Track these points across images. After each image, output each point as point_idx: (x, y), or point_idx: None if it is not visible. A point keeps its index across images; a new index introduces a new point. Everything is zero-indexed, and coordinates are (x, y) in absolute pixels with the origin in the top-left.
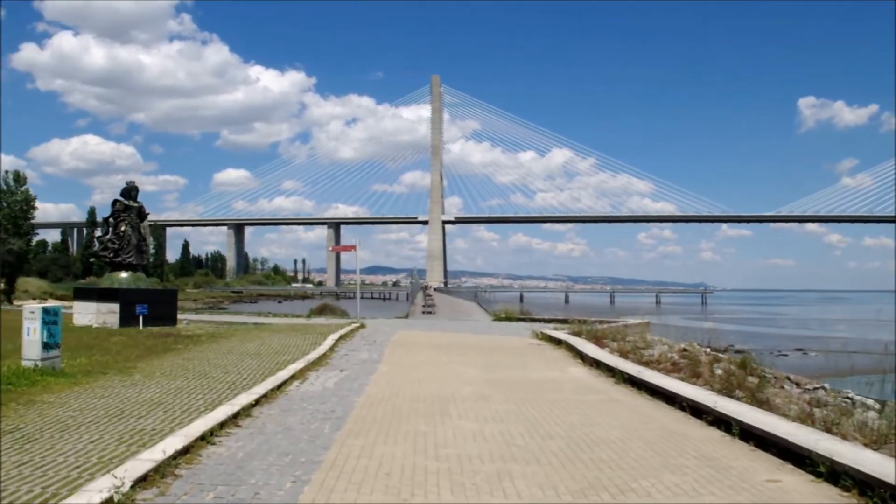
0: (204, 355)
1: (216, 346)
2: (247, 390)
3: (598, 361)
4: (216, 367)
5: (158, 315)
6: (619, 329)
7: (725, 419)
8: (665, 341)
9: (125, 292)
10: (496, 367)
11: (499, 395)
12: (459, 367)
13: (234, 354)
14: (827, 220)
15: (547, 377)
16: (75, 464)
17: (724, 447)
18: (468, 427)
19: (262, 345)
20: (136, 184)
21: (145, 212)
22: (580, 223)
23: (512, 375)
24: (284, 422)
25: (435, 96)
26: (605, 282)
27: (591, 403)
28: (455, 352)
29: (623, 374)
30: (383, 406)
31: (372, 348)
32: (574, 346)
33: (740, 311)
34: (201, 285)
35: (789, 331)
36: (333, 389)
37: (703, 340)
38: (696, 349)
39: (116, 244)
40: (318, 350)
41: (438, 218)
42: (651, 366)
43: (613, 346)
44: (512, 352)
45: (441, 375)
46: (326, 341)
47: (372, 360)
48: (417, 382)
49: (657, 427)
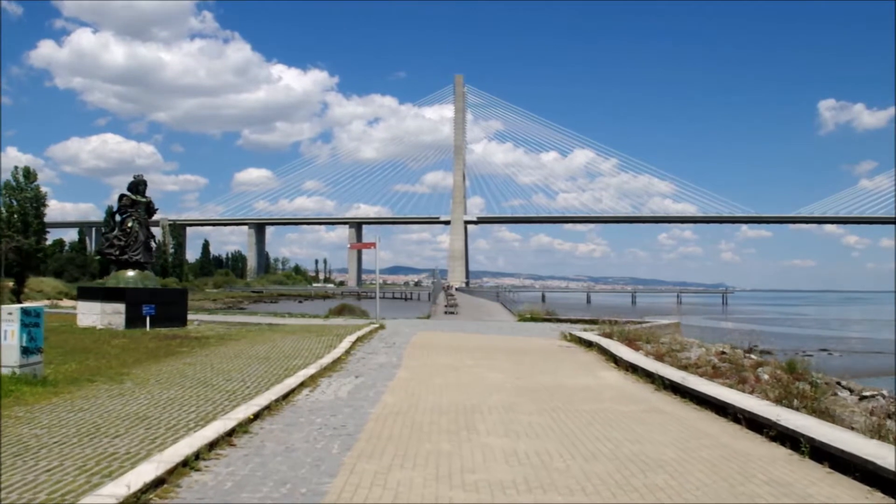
0: (208, 359)
1: (223, 348)
2: (248, 401)
3: (635, 366)
4: (219, 372)
5: (167, 316)
6: (650, 330)
7: (791, 435)
8: (702, 343)
9: (131, 292)
10: (525, 372)
11: (530, 404)
12: (485, 371)
13: (242, 358)
14: (845, 222)
15: (580, 383)
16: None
17: (795, 469)
18: (498, 445)
19: (273, 348)
20: (143, 178)
21: (154, 207)
22: (601, 224)
23: (543, 381)
24: (287, 440)
25: (458, 96)
26: (625, 282)
27: (633, 415)
28: (479, 355)
29: (664, 380)
30: (401, 419)
31: (391, 351)
32: (606, 348)
33: (761, 312)
34: (221, 285)
35: (811, 331)
36: (346, 399)
37: (736, 341)
38: (736, 352)
39: (123, 241)
40: (332, 353)
41: (461, 218)
42: (690, 370)
43: (648, 348)
44: (540, 355)
45: (465, 381)
46: (342, 344)
47: (390, 364)
48: (439, 390)
49: (714, 444)
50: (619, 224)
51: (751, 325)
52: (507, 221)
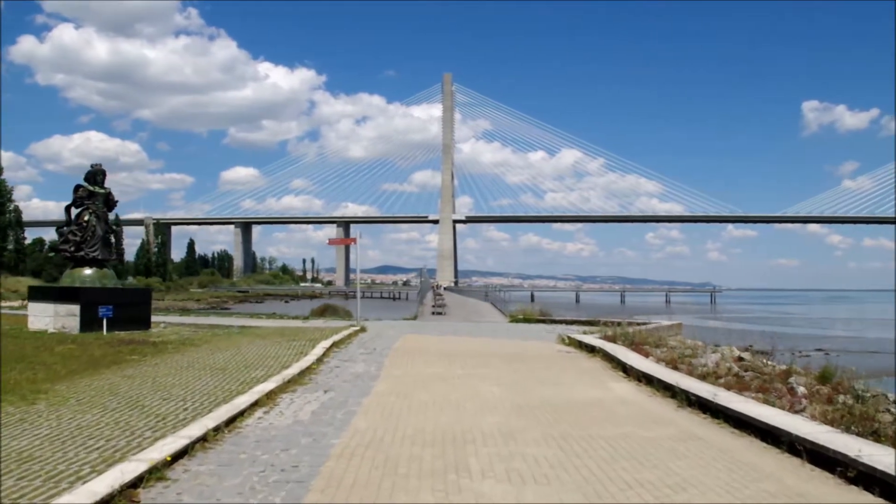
0: (154, 371)
1: (178, 357)
2: (178, 430)
3: (649, 376)
4: (159, 388)
5: (129, 318)
6: (654, 332)
7: (880, 478)
8: (716, 347)
9: (87, 292)
10: (524, 384)
11: (534, 429)
12: (478, 383)
13: (194, 369)
14: (829, 222)
15: (590, 398)
16: None
17: None
18: (498, 496)
19: (236, 355)
20: (102, 167)
21: (114, 199)
22: (589, 223)
23: (546, 396)
24: (213, 491)
25: (447, 94)
26: (613, 281)
27: (663, 444)
28: (471, 362)
29: (688, 394)
30: (371, 454)
31: (370, 358)
32: (612, 354)
33: (749, 311)
34: (206, 285)
35: (804, 330)
36: (308, 423)
37: (734, 342)
38: (756, 358)
39: (78, 236)
40: (302, 362)
41: (449, 217)
42: (709, 379)
43: (658, 354)
44: (539, 361)
45: (455, 397)
46: (315, 350)
47: (368, 374)
48: (423, 409)
49: (780, 489)
50: (607, 223)
51: (742, 325)
52: (495, 221)
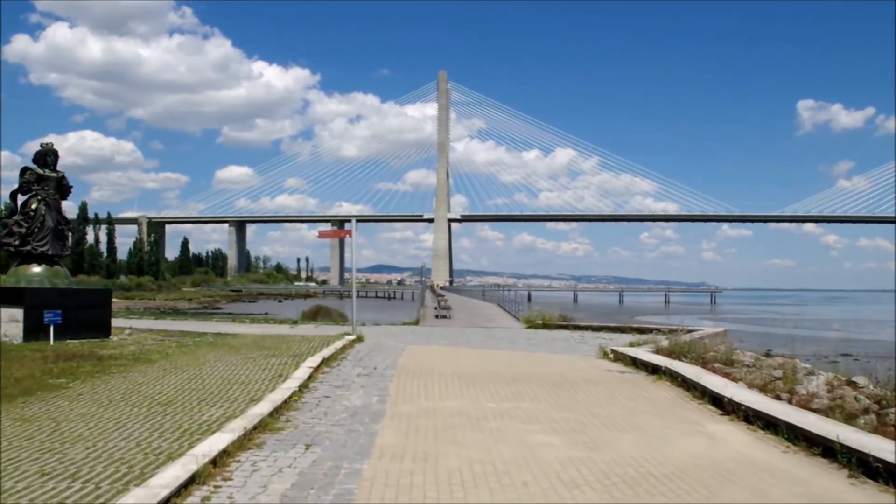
0: (70, 407)
1: (117, 381)
2: None
3: (766, 416)
4: (56, 441)
5: (85, 323)
6: (699, 342)
7: None
8: (813, 368)
9: (33, 293)
10: (593, 432)
11: None
12: (525, 429)
13: (128, 404)
14: (825, 221)
15: (701, 459)
16: None
17: None
18: None
19: (195, 377)
20: (53, 146)
21: (68, 185)
22: (584, 222)
23: (629, 452)
24: None
25: (442, 92)
26: (608, 281)
27: None
28: (504, 390)
29: (857, 455)
30: None
31: (370, 382)
32: (683, 375)
33: (752, 311)
34: (200, 284)
35: (818, 332)
36: None
37: (759, 346)
38: (878, 385)
39: (24, 228)
40: (278, 392)
41: (444, 216)
42: (833, 415)
43: (747, 377)
44: (593, 388)
45: (501, 462)
46: (299, 372)
47: (368, 411)
48: (458, 489)
49: None
50: (602, 223)
51: (752, 327)
52: (490, 220)
